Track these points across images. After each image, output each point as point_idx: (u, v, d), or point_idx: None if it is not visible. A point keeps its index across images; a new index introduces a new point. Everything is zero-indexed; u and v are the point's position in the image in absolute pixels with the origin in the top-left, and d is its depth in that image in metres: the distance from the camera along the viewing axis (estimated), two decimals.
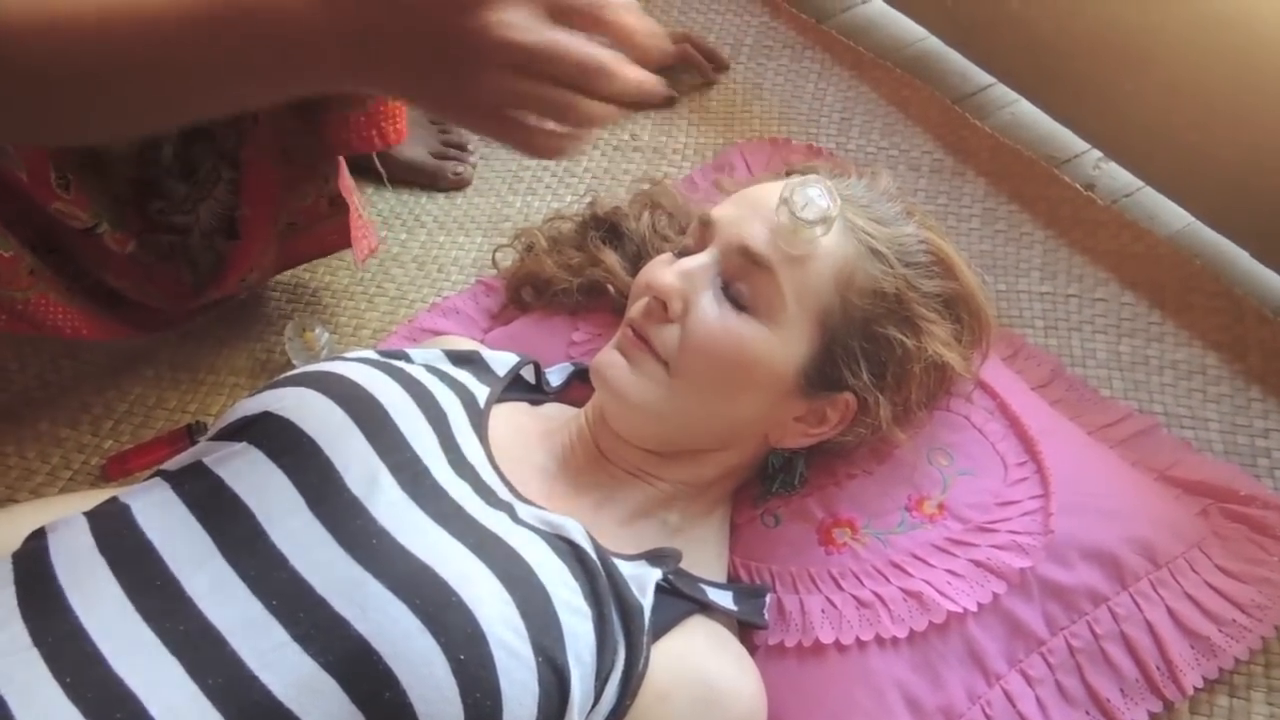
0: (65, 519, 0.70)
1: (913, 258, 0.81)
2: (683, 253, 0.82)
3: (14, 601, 0.65)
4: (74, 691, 0.61)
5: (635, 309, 0.80)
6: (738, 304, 0.77)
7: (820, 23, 1.51)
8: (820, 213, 0.75)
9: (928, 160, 1.31)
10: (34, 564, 0.67)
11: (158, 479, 0.73)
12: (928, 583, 0.81)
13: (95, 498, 0.84)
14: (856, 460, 0.87)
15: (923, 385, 0.82)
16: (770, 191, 0.80)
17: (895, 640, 0.80)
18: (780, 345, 0.77)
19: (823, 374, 0.79)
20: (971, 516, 0.85)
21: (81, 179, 0.94)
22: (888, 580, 0.82)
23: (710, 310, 0.77)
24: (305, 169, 1.05)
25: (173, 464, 0.74)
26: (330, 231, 1.11)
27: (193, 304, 1.07)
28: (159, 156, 1.00)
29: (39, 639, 0.63)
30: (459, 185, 1.32)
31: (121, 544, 0.67)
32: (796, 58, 1.46)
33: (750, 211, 0.79)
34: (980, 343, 0.87)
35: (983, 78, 1.42)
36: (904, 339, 0.79)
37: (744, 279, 0.78)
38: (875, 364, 0.80)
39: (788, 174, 0.87)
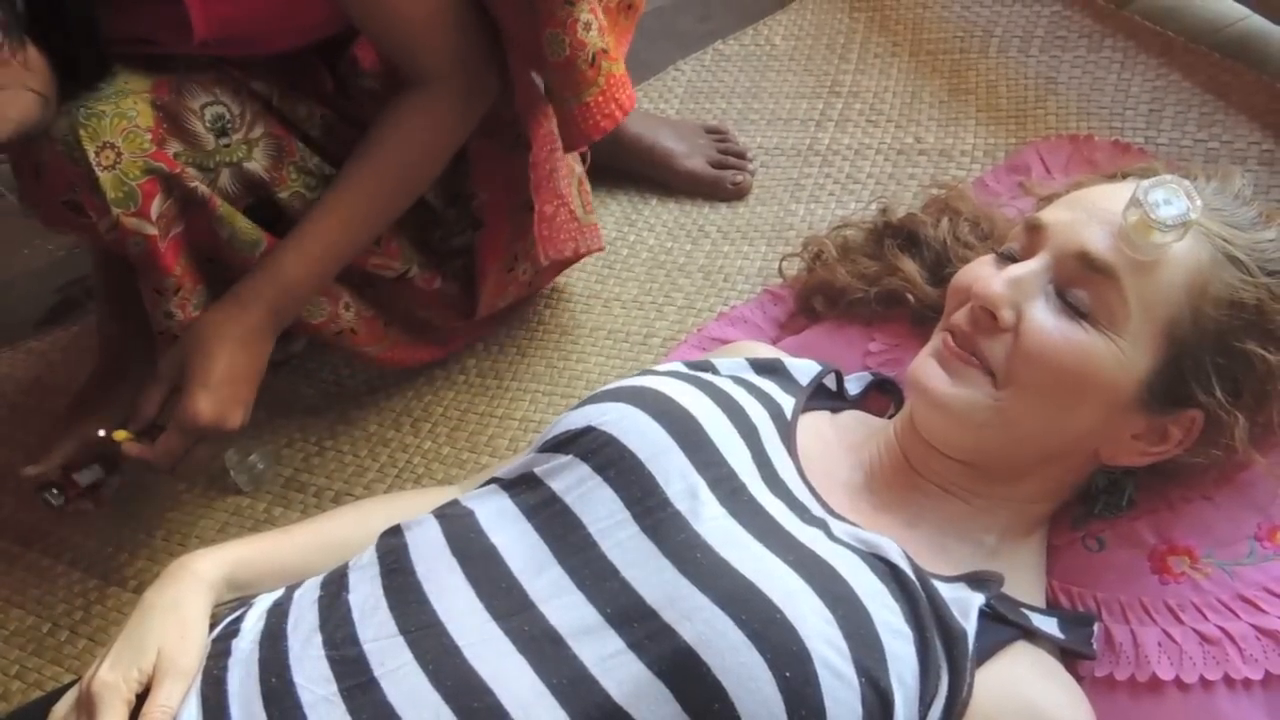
0: (418, 520, 0.76)
1: (1275, 265, 0.74)
2: (1004, 257, 0.79)
3: (380, 592, 0.71)
4: (436, 678, 0.66)
5: (958, 316, 0.77)
6: (1075, 312, 0.73)
7: (1120, 8, 1.41)
8: (1179, 216, 0.70)
9: (1255, 152, 1.19)
10: (396, 559, 0.73)
11: (494, 486, 0.78)
12: None
13: (424, 495, 0.92)
14: (1194, 483, 0.81)
15: None
16: (1109, 193, 0.75)
17: (1248, 682, 0.73)
18: (1122, 356, 0.72)
19: (1168, 389, 0.73)
20: None
21: (388, 235, 1.06)
22: (1236, 616, 0.75)
23: (1046, 319, 0.73)
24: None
25: (506, 472, 0.79)
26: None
27: (475, 316, 1.15)
28: (424, 199, 1.08)
29: (403, 628, 0.69)
30: (738, 194, 1.33)
31: (470, 546, 0.72)
32: (1095, 47, 1.37)
33: (1087, 214, 0.75)
34: None
35: None
36: (1266, 354, 0.72)
37: (1081, 286, 0.73)
38: (1230, 380, 0.73)
39: (1123, 176, 0.82)
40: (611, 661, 0.65)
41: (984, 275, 0.77)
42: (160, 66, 0.93)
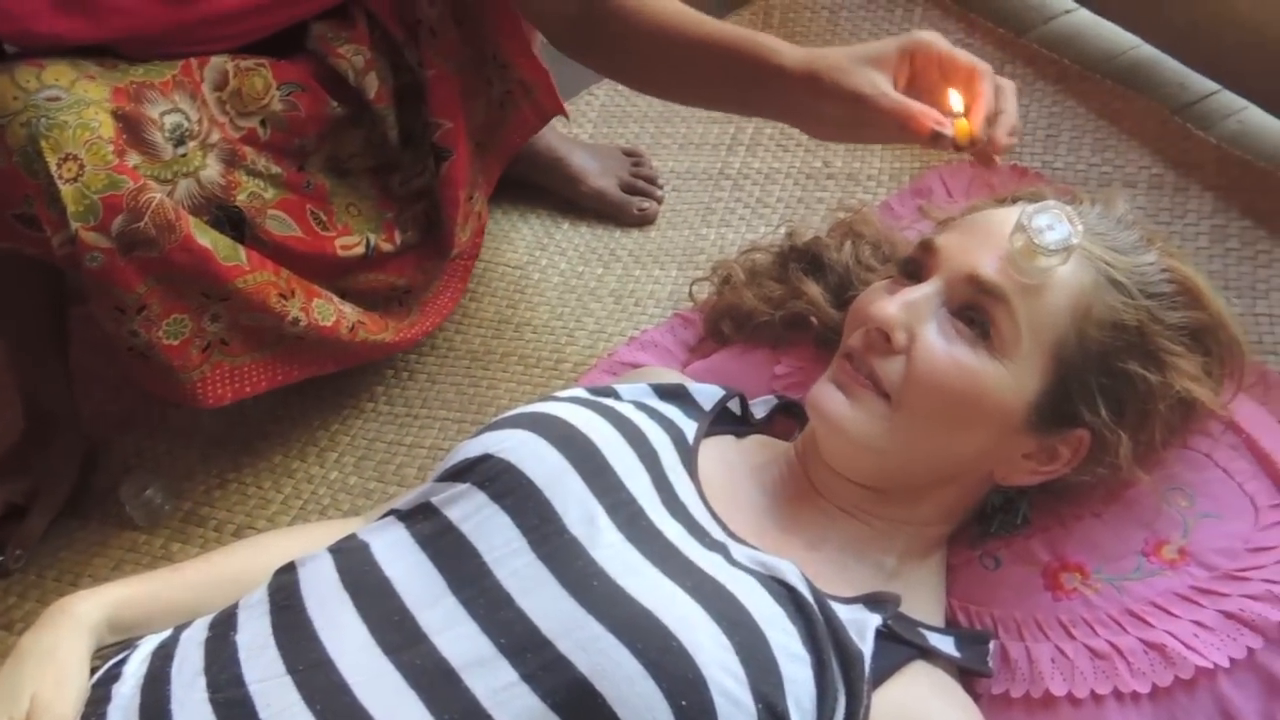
0: (312, 555, 0.75)
1: (1155, 288, 0.76)
2: (899, 281, 0.80)
3: (269, 630, 0.70)
4: (323, 718, 0.64)
5: (854, 339, 0.78)
6: (966, 335, 0.75)
7: (1020, 36, 1.45)
8: (1061, 241, 0.72)
9: (1145, 176, 1.23)
10: (286, 596, 0.72)
11: (391, 517, 0.77)
12: (1171, 634, 0.76)
13: (327, 527, 0.90)
14: (1084, 501, 0.83)
15: (1168, 423, 0.77)
16: (999, 218, 0.77)
17: (1136, 696, 0.75)
18: (1011, 379, 0.74)
19: (1056, 410, 0.75)
20: (1219, 563, 0.78)
21: (334, 211, 1.06)
22: (1125, 630, 0.77)
23: (936, 342, 0.75)
24: (475, 79, 1.14)
25: (403, 503, 0.77)
26: (515, 129, 1.22)
27: (451, 251, 1.17)
28: (386, 141, 1.09)
29: (291, 666, 0.67)
30: (643, 221, 1.33)
31: (363, 580, 0.71)
32: (996, 74, 1.40)
33: (979, 239, 0.76)
34: (1233, 375, 0.81)
35: (1205, 85, 1.32)
36: (1147, 374, 0.74)
37: (972, 309, 0.75)
38: (1114, 401, 0.75)
39: (1014, 200, 0.84)
40: (505, 694, 0.64)
41: (879, 298, 0.79)
42: (114, 65, 0.91)
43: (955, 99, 0.79)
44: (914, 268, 0.81)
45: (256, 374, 1.05)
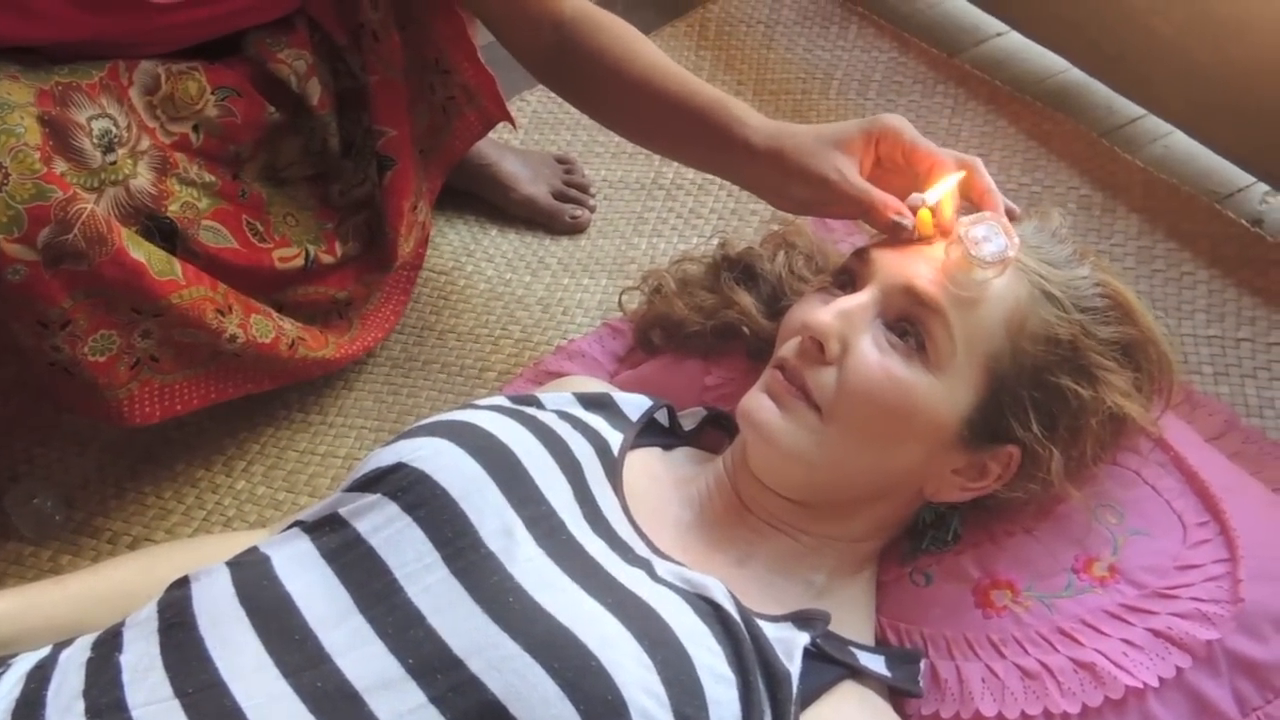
0: (207, 569, 0.70)
1: (1088, 302, 0.76)
2: (832, 292, 0.78)
3: (157, 650, 0.64)
4: None
5: (787, 348, 0.76)
6: (901, 347, 0.73)
7: (953, 56, 1.46)
8: (997, 253, 0.71)
9: (1074, 197, 1.24)
10: (177, 613, 0.67)
11: (296, 529, 0.72)
12: (1101, 653, 0.75)
13: (229, 540, 0.85)
14: (1015, 517, 0.81)
15: (1099, 438, 0.76)
16: None
17: (1066, 716, 0.73)
18: (945, 393, 0.72)
19: (988, 425, 0.74)
20: (1148, 581, 0.78)
21: (271, 222, 1.01)
22: (1055, 649, 0.76)
23: (870, 354, 0.73)
24: (417, 84, 1.11)
25: (309, 514, 0.73)
26: (459, 136, 1.18)
27: (394, 264, 1.13)
28: (326, 149, 1.05)
29: (179, 689, 0.62)
30: (575, 229, 1.31)
31: (262, 596, 0.66)
32: (928, 93, 1.42)
33: (915, 250, 0.75)
34: (1162, 392, 0.80)
35: (1132, 110, 1.34)
36: (1079, 389, 0.73)
37: (907, 321, 0.73)
38: (1046, 415, 0.74)
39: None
40: (411, 718, 0.60)
41: (814, 307, 0.77)
42: (37, 64, 0.85)
43: (931, 194, 0.76)
44: (848, 278, 0.79)
45: (188, 392, 1.00)
